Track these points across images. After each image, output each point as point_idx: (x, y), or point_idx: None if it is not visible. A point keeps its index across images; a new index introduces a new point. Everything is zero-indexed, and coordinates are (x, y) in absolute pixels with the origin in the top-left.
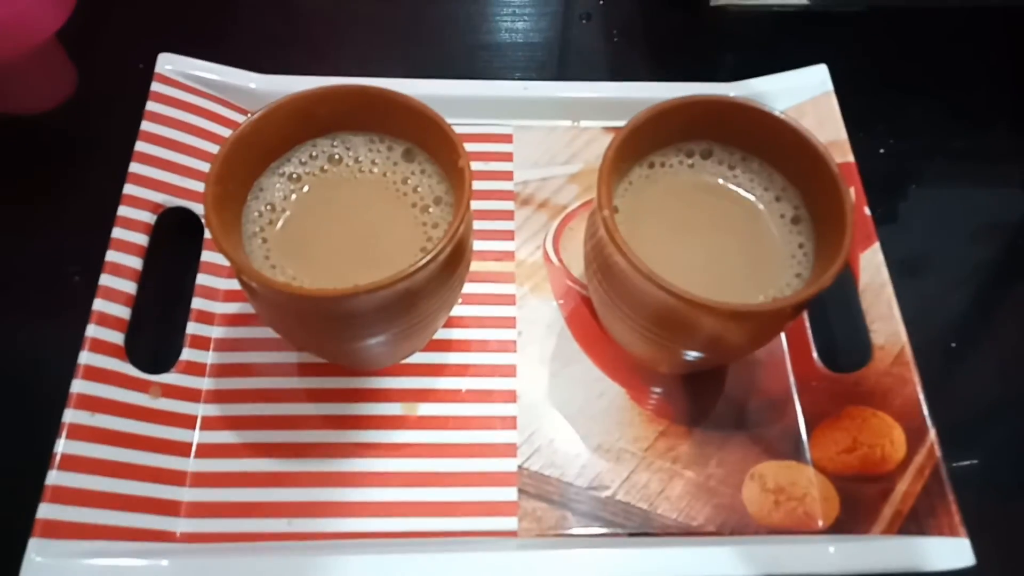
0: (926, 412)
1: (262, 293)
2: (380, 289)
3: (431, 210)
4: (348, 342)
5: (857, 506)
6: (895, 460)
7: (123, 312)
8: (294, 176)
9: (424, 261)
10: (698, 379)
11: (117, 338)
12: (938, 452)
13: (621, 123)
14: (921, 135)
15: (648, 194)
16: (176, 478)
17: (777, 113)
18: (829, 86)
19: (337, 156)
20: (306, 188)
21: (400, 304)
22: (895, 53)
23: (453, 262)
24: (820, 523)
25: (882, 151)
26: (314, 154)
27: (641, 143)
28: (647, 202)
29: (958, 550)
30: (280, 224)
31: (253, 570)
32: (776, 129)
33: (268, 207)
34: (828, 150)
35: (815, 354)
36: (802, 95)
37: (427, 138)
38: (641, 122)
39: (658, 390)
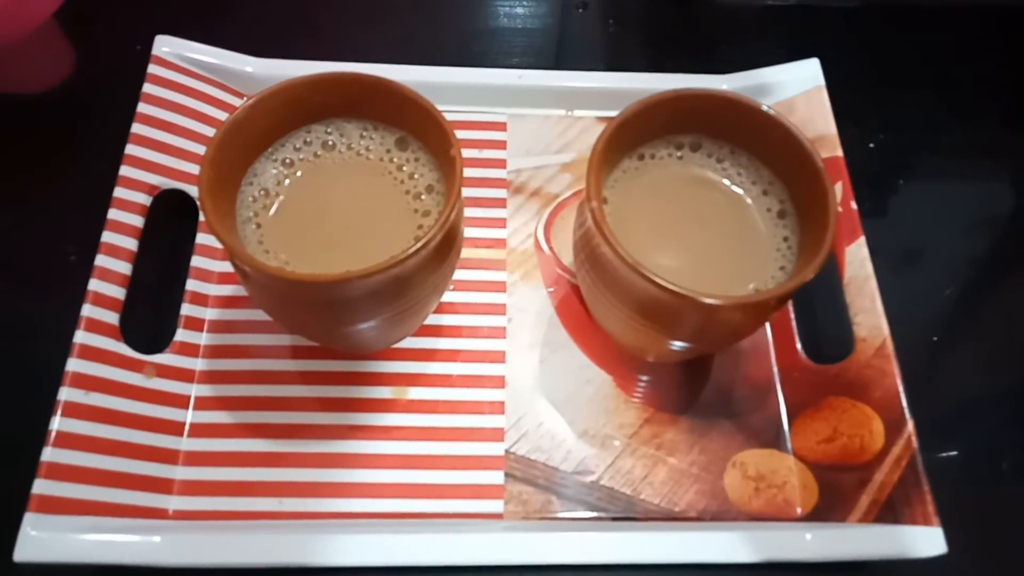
0: (905, 404)
1: (255, 277)
2: (372, 275)
3: (423, 197)
4: (340, 326)
5: (835, 494)
6: (873, 450)
7: (118, 292)
8: (288, 161)
9: (415, 248)
10: (683, 368)
11: (112, 318)
12: (915, 443)
13: (614, 113)
14: (912, 130)
15: (637, 186)
16: (169, 456)
17: (765, 108)
18: (821, 80)
19: (331, 142)
20: (300, 173)
21: (391, 290)
22: (888, 48)
23: (444, 249)
24: (799, 511)
25: (872, 145)
26: (308, 140)
27: (631, 135)
28: (636, 194)
29: (931, 539)
30: (274, 209)
31: (244, 548)
32: (764, 124)
33: (262, 192)
34: (814, 146)
35: (799, 345)
36: (794, 88)
37: (420, 127)
38: (631, 114)
39: (644, 378)
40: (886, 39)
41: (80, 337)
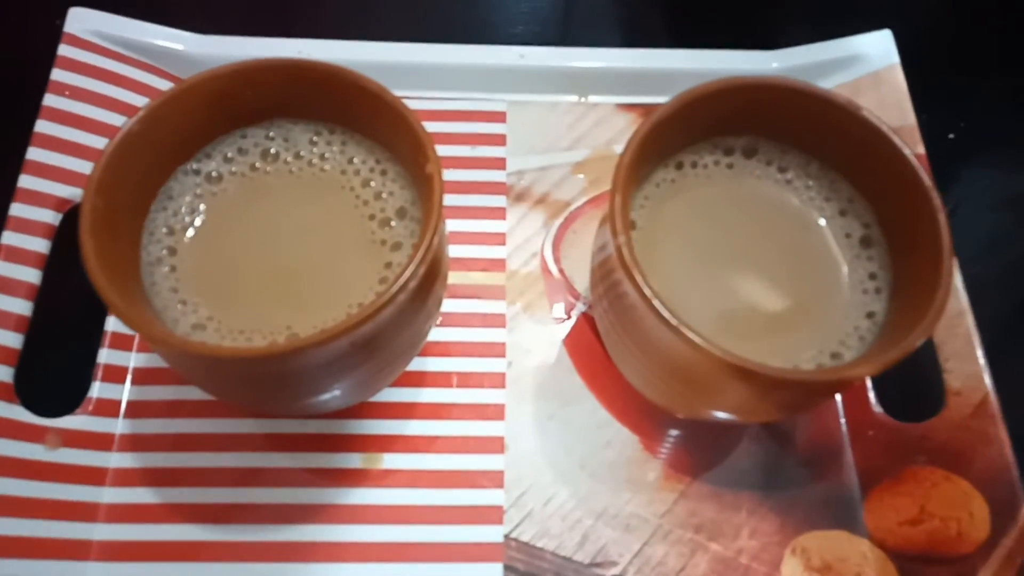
0: (1018, 481)
1: (164, 351)
2: (326, 342)
3: (393, 224)
4: (288, 402)
5: None
6: (975, 540)
7: (14, 340)
8: (214, 176)
9: (382, 301)
10: (727, 426)
11: (5, 374)
12: None
13: (637, 99)
14: (998, 117)
15: (674, 204)
16: (78, 550)
17: (845, 101)
18: (894, 57)
19: (273, 150)
20: (230, 193)
21: (355, 355)
22: (966, 18)
23: (423, 291)
24: None
25: (951, 136)
26: (243, 147)
27: (667, 139)
28: (673, 214)
29: None
30: (194, 244)
31: None
32: (843, 122)
33: (178, 221)
34: (913, 153)
35: (873, 397)
36: (861, 67)
37: (387, 131)
38: (666, 115)
39: (676, 434)
40: (963, 7)
41: None
